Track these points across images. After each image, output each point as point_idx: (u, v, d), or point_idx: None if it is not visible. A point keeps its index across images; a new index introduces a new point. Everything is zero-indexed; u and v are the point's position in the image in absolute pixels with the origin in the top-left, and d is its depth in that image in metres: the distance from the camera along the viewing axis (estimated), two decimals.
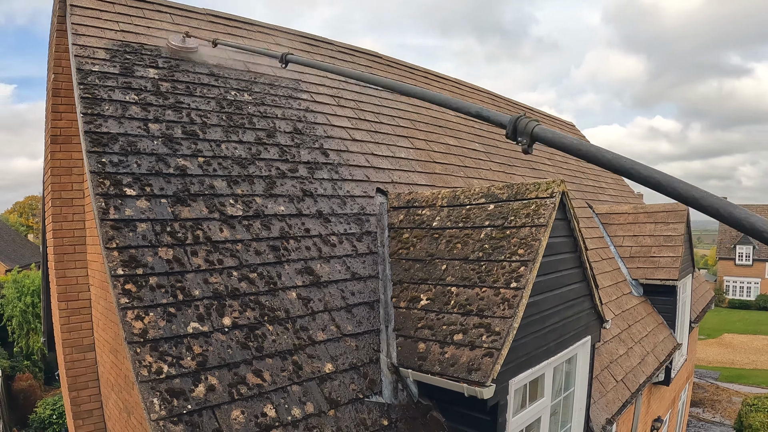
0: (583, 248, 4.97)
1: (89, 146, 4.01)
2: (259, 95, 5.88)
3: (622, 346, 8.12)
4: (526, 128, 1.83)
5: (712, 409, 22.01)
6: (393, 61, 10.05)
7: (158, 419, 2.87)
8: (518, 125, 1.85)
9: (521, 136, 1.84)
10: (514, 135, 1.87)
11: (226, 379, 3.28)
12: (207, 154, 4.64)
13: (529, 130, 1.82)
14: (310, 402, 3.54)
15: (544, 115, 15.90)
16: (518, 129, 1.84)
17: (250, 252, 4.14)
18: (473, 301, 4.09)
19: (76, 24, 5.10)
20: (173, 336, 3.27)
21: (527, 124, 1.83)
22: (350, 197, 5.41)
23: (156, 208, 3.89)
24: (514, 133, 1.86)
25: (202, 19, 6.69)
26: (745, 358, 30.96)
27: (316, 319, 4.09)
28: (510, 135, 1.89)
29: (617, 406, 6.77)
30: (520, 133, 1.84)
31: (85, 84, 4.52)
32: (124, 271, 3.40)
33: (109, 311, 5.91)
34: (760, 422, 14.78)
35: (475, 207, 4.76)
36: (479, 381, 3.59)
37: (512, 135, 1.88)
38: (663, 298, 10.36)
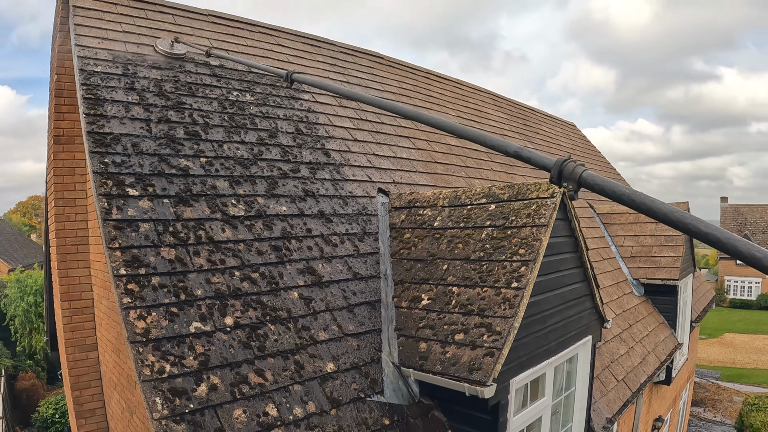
0: (584, 248, 4.97)
1: (92, 147, 4.02)
2: (261, 96, 5.90)
3: (623, 346, 8.12)
4: (573, 173, 1.69)
5: (713, 408, 21.99)
6: (394, 61, 10.06)
7: (160, 418, 2.88)
8: (564, 169, 1.72)
9: (567, 181, 1.71)
10: (559, 180, 1.74)
11: (228, 378, 3.29)
12: (209, 154, 4.65)
13: (576, 176, 1.68)
14: (311, 401, 3.55)
15: (545, 115, 15.89)
16: (564, 174, 1.72)
17: (252, 252, 4.15)
18: (474, 301, 4.10)
19: (78, 25, 5.11)
20: (175, 335, 3.28)
21: (574, 169, 1.70)
22: (352, 197, 5.42)
23: (158, 209, 3.90)
24: (560, 178, 1.74)
25: (204, 20, 6.71)
26: (746, 358, 30.91)
27: (317, 319, 4.11)
28: (555, 179, 1.76)
29: (618, 405, 6.78)
30: (566, 178, 1.71)
31: (88, 85, 4.53)
32: (127, 271, 3.41)
33: (112, 311, 5.93)
34: (761, 422, 14.76)
35: (476, 207, 4.77)
36: (480, 380, 3.60)
37: (557, 179, 1.75)
38: (664, 297, 10.36)
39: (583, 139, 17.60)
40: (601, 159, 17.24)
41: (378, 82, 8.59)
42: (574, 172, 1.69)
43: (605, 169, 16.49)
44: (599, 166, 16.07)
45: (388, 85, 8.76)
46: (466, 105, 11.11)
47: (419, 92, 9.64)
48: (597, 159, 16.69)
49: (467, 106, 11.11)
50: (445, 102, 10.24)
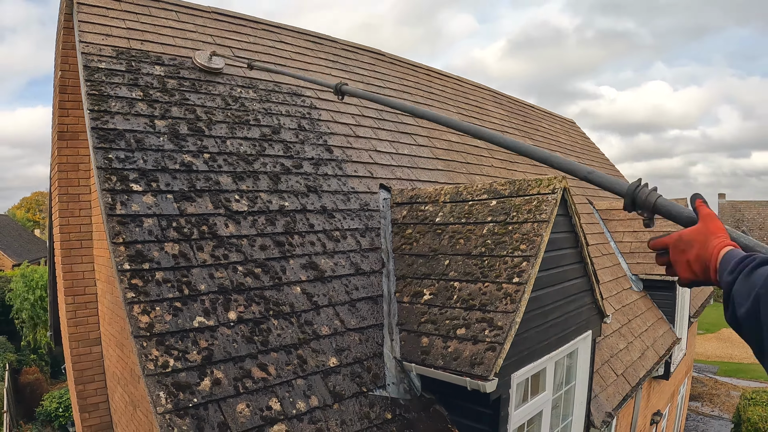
0: (584, 244, 5.00)
1: (96, 142, 4.04)
2: (264, 92, 5.92)
3: (622, 341, 8.15)
4: (646, 201, 1.61)
5: (711, 402, 22.02)
6: (395, 58, 10.06)
7: (164, 413, 2.90)
8: (637, 197, 1.63)
9: (641, 209, 1.64)
10: (633, 207, 1.66)
11: (231, 372, 3.31)
12: (212, 150, 4.68)
13: (650, 204, 1.61)
14: (314, 395, 3.58)
15: (544, 112, 15.89)
16: (637, 201, 1.64)
17: (255, 247, 4.18)
18: (476, 296, 4.13)
19: (82, 21, 5.13)
20: (179, 330, 3.30)
21: (647, 196, 1.62)
22: (354, 193, 5.45)
23: (162, 204, 3.93)
24: (633, 205, 1.66)
25: (207, 17, 6.72)
26: (743, 353, 30.91)
27: (320, 314, 4.13)
28: (628, 207, 1.68)
29: (617, 399, 6.81)
30: (639, 206, 1.64)
31: (92, 81, 4.56)
32: (131, 266, 3.43)
33: (116, 305, 5.97)
34: (759, 416, 14.77)
35: (477, 203, 4.79)
36: (482, 375, 3.62)
37: (631, 206, 1.67)
38: (663, 293, 10.40)
39: (583, 136, 17.58)
40: (600, 156, 17.23)
41: (380, 79, 8.60)
42: (648, 200, 1.61)
43: (605, 166, 16.48)
44: (598, 163, 16.07)
45: (389, 82, 8.77)
46: (467, 102, 11.12)
47: (420, 89, 9.65)
48: (596, 156, 16.67)
49: (468, 103, 11.11)
50: (445, 99, 10.24)
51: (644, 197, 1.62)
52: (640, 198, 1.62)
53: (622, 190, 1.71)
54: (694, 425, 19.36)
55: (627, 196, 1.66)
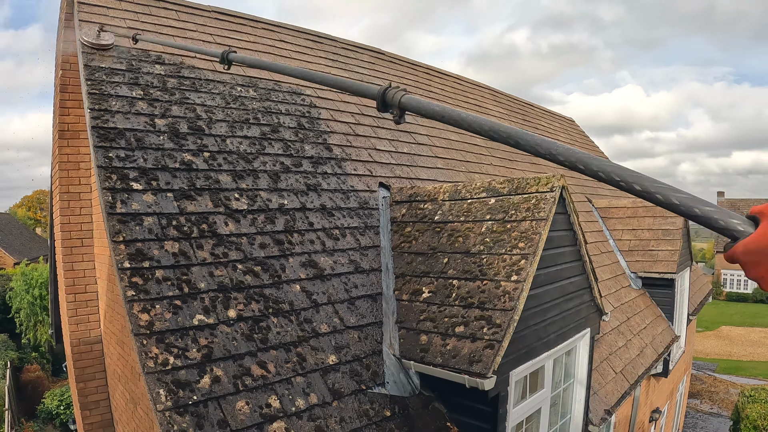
0: (583, 242, 5.01)
1: (96, 141, 4.05)
2: (264, 91, 5.93)
3: (621, 338, 8.17)
4: (393, 99, 1.78)
5: (710, 400, 22.07)
6: (396, 57, 10.09)
7: (164, 410, 2.91)
8: (386, 97, 1.80)
9: (391, 107, 1.80)
10: (384, 107, 1.83)
11: (231, 370, 3.32)
12: (212, 149, 4.69)
13: (396, 101, 1.76)
14: (313, 393, 3.59)
15: (544, 111, 15.91)
16: (386, 101, 1.80)
17: (255, 245, 4.19)
18: (474, 294, 4.14)
19: (83, 21, 5.15)
20: (179, 328, 3.31)
21: (394, 95, 1.78)
22: (353, 191, 5.46)
23: (162, 202, 3.94)
24: (384, 106, 1.82)
25: (208, 16, 6.74)
26: (742, 350, 31.01)
27: (319, 312, 4.15)
28: (381, 107, 1.84)
29: (616, 397, 6.83)
30: (389, 105, 1.80)
31: (93, 80, 4.57)
32: (131, 264, 3.45)
33: (116, 303, 5.98)
34: (757, 413, 14.79)
35: (476, 201, 4.81)
36: (480, 372, 3.64)
37: (382, 107, 1.83)
38: (661, 290, 10.43)
39: (582, 134, 17.59)
40: (599, 154, 17.24)
41: (379, 78, 8.62)
42: (394, 98, 1.76)
43: None
44: None
45: (389, 80, 8.77)
46: (466, 100, 11.13)
47: (420, 87, 9.67)
48: (596, 154, 16.66)
49: (467, 101, 11.13)
50: (445, 97, 10.26)
51: (391, 96, 1.78)
52: (389, 97, 1.78)
53: (372, 93, 1.88)
54: (693, 422, 19.40)
55: (378, 98, 1.82)
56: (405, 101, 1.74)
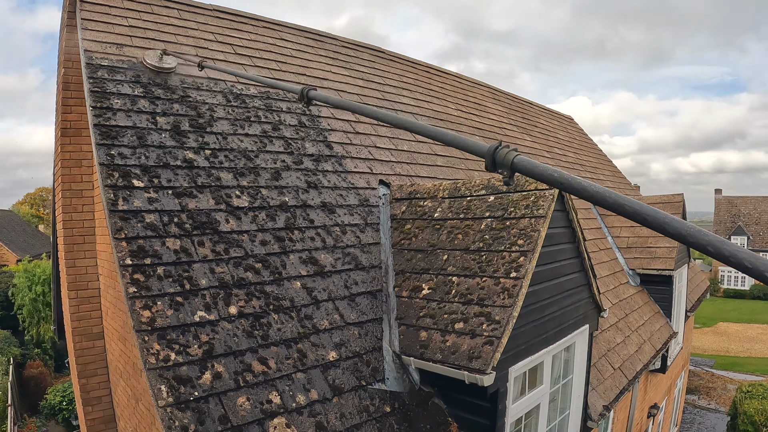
0: (582, 239, 5.03)
1: (98, 139, 4.08)
2: (265, 89, 5.95)
3: (619, 335, 8.20)
4: (505, 159, 1.68)
5: (708, 396, 22.16)
6: (395, 56, 10.11)
7: (166, 406, 2.94)
8: (497, 156, 1.71)
9: (501, 167, 1.70)
10: (494, 166, 1.73)
11: (232, 366, 3.35)
12: (213, 146, 4.72)
13: (508, 162, 1.67)
14: (314, 389, 3.62)
15: (543, 109, 15.91)
16: (497, 161, 1.71)
17: (256, 242, 4.22)
18: (474, 291, 4.17)
19: (85, 19, 5.17)
20: (180, 324, 3.34)
21: (506, 155, 1.69)
22: (354, 189, 5.49)
23: (163, 200, 3.96)
24: (494, 165, 1.73)
25: (209, 15, 6.75)
26: (739, 347, 31.13)
27: (320, 308, 4.18)
28: (490, 167, 1.75)
29: (615, 393, 6.85)
30: (499, 165, 1.70)
31: (95, 78, 4.59)
32: (133, 261, 3.47)
33: (118, 300, 6.01)
34: (755, 409, 14.88)
35: (475, 198, 4.83)
36: (480, 369, 3.66)
37: (492, 167, 1.74)
38: (659, 287, 10.46)
39: (580, 132, 17.58)
40: (598, 152, 17.22)
41: (379, 76, 8.64)
42: (506, 158, 1.68)
43: (602, 162, 16.49)
44: (596, 159, 16.06)
45: (389, 79, 8.81)
46: (466, 99, 11.15)
47: (420, 86, 9.68)
48: (593, 152, 16.67)
49: (467, 99, 11.14)
50: (445, 95, 10.27)
51: (503, 156, 1.68)
52: (500, 157, 1.69)
53: (482, 151, 1.79)
54: (691, 418, 19.46)
55: (487, 156, 1.74)
56: (518, 162, 1.66)
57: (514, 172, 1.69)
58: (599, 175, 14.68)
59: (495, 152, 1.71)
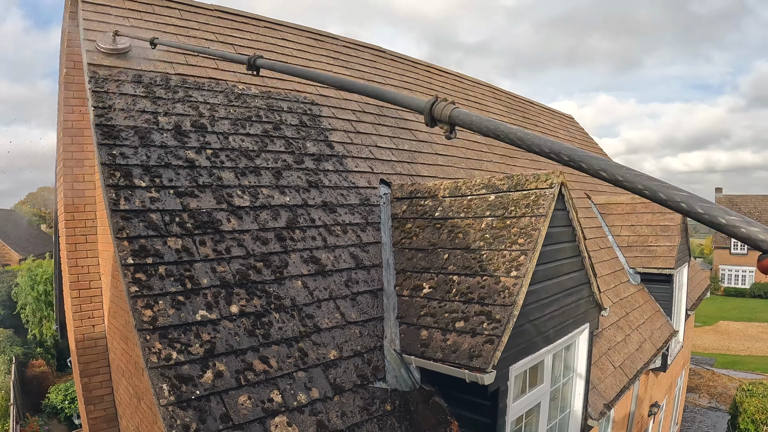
0: (582, 238, 5.04)
1: (100, 138, 4.09)
2: (266, 88, 5.97)
3: (620, 333, 8.20)
4: (443, 113, 1.67)
5: (708, 394, 22.17)
6: (396, 55, 10.12)
7: (167, 404, 2.95)
8: (434, 111, 1.70)
9: (440, 122, 1.70)
10: (432, 121, 1.74)
11: (233, 365, 3.36)
12: (215, 146, 4.73)
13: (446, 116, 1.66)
14: (315, 388, 3.63)
15: (543, 108, 15.91)
16: (435, 115, 1.70)
17: (257, 242, 4.23)
18: (474, 290, 4.18)
19: (86, 20, 5.19)
20: (182, 323, 3.35)
21: (443, 109, 1.67)
22: (354, 188, 5.50)
23: (165, 199, 3.97)
24: (433, 120, 1.73)
25: (210, 15, 6.77)
26: (740, 345, 31.13)
27: (321, 307, 4.19)
28: (429, 122, 1.76)
29: (615, 391, 6.86)
30: (438, 120, 1.70)
31: (96, 78, 4.61)
32: (135, 261, 3.48)
33: (120, 299, 6.03)
34: (755, 407, 14.89)
35: (476, 197, 4.84)
36: (480, 367, 3.67)
37: (431, 121, 1.74)
38: (660, 286, 10.47)
39: (581, 131, 17.57)
40: (598, 151, 17.22)
41: (381, 75, 8.65)
42: (443, 112, 1.66)
43: None
44: None
45: (390, 78, 8.82)
46: (467, 98, 11.16)
47: (421, 85, 9.69)
48: (594, 151, 16.68)
49: (467, 98, 11.15)
50: (445, 95, 10.27)
51: (441, 110, 1.67)
52: (437, 111, 1.68)
53: (420, 106, 1.76)
54: (692, 416, 19.47)
55: (425, 111, 1.71)
56: (455, 115, 1.65)
57: (453, 126, 1.68)
58: None
59: (432, 107, 1.70)
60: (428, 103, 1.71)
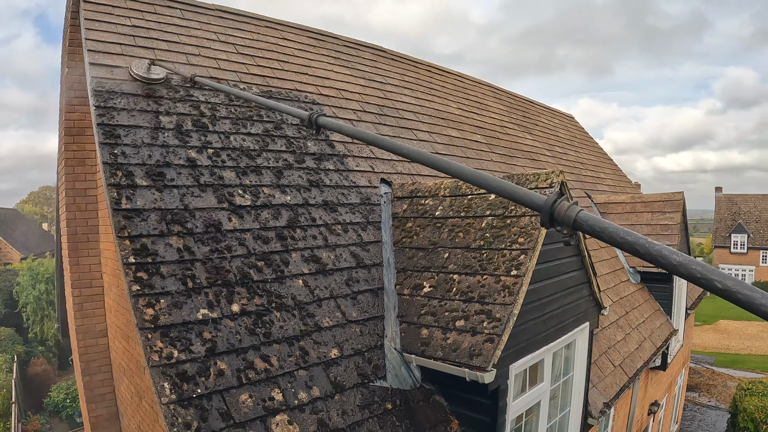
0: (582, 237, 5.06)
1: (102, 138, 4.10)
2: (267, 88, 5.98)
3: (619, 332, 8.21)
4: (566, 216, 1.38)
5: (708, 393, 22.18)
6: (397, 55, 10.13)
7: (169, 403, 2.96)
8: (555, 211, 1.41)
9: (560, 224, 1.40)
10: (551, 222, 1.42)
11: (234, 364, 3.37)
12: (216, 145, 4.74)
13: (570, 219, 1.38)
14: (316, 386, 3.64)
15: (544, 107, 15.92)
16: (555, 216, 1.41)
17: (258, 241, 4.24)
18: (475, 289, 4.19)
19: (88, 19, 5.20)
20: (183, 322, 3.36)
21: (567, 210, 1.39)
22: (355, 187, 5.51)
23: (167, 198, 3.99)
24: (551, 221, 1.42)
25: (211, 15, 6.78)
26: (739, 344, 31.14)
27: (322, 306, 4.20)
28: (546, 222, 1.44)
29: (615, 390, 6.86)
30: (558, 221, 1.40)
31: (98, 77, 4.62)
32: (136, 260, 3.50)
33: (121, 298, 6.04)
34: (755, 406, 14.91)
35: (476, 197, 4.85)
36: (480, 366, 3.68)
37: (548, 222, 1.43)
38: (660, 285, 10.48)
39: (581, 130, 17.57)
40: (599, 150, 17.21)
41: (381, 75, 8.66)
42: (567, 214, 1.38)
43: (603, 160, 16.48)
44: (596, 157, 16.06)
45: (391, 78, 8.83)
46: (467, 97, 11.16)
47: (422, 85, 9.70)
48: (594, 150, 16.66)
49: (468, 98, 11.16)
50: (446, 94, 10.29)
51: (564, 211, 1.39)
52: (559, 213, 1.40)
53: (538, 204, 1.47)
54: (692, 415, 19.48)
55: (543, 210, 1.43)
56: (581, 219, 1.36)
57: (577, 230, 1.40)
58: (600, 173, 14.69)
59: (553, 206, 1.42)
60: (548, 201, 1.42)
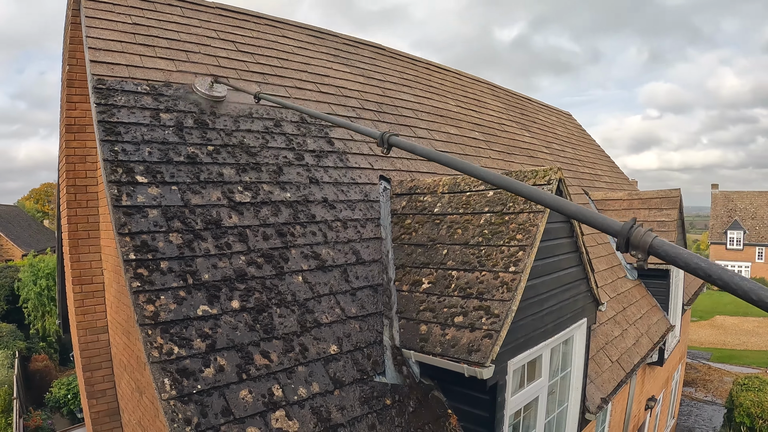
0: (580, 233, 5.08)
1: (102, 135, 4.11)
2: (266, 86, 6.00)
3: (617, 328, 8.24)
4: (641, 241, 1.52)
5: (704, 388, 22.23)
6: (396, 53, 10.14)
7: (169, 399, 2.98)
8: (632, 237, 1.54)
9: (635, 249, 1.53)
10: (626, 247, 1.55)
11: (234, 360, 3.39)
12: (216, 142, 4.76)
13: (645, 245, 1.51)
14: (315, 382, 3.66)
15: (541, 105, 15.92)
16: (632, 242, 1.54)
17: (258, 237, 4.26)
18: (473, 285, 4.21)
19: (89, 17, 5.21)
20: (183, 318, 3.38)
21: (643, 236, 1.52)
22: (354, 184, 5.53)
23: (167, 195, 4.00)
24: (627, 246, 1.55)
25: (211, 12, 6.79)
26: (736, 340, 31.20)
27: (321, 302, 4.22)
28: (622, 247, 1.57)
29: (612, 385, 6.90)
30: (634, 246, 1.53)
31: (99, 75, 4.64)
32: (136, 256, 3.51)
33: (122, 294, 6.06)
34: (751, 401, 15.02)
35: (474, 194, 4.87)
36: (479, 362, 3.70)
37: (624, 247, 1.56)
38: (657, 281, 10.52)
39: (579, 128, 17.56)
40: (596, 147, 17.19)
41: (380, 72, 8.67)
42: (643, 240, 1.51)
43: (600, 157, 16.48)
44: (594, 154, 16.06)
45: (390, 76, 8.84)
46: (465, 95, 11.17)
47: (420, 82, 9.71)
48: (592, 147, 16.66)
49: (466, 95, 11.17)
50: (444, 92, 10.30)
51: (639, 237, 1.52)
52: (635, 238, 1.53)
53: (615, 230, 1.61)
54: (688, 410, 19.54)
55: (621, 236, 1.57)
56: (657, 246, 1.50)
57: (650, 255, 1.52)
58: (597, 170, 14.70)
59: (630, 231, 1.55)
60: (625, 227, 1.56)
